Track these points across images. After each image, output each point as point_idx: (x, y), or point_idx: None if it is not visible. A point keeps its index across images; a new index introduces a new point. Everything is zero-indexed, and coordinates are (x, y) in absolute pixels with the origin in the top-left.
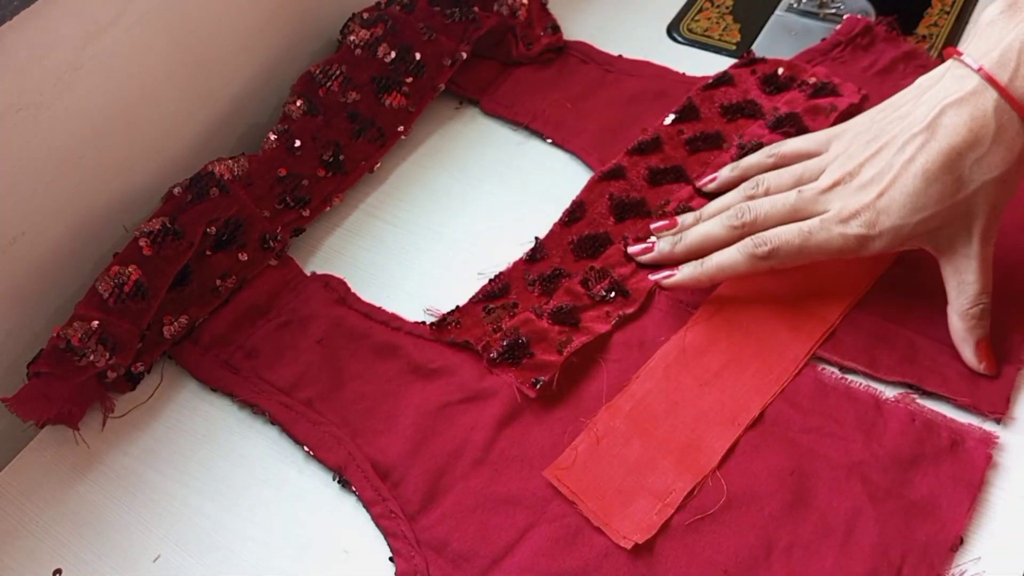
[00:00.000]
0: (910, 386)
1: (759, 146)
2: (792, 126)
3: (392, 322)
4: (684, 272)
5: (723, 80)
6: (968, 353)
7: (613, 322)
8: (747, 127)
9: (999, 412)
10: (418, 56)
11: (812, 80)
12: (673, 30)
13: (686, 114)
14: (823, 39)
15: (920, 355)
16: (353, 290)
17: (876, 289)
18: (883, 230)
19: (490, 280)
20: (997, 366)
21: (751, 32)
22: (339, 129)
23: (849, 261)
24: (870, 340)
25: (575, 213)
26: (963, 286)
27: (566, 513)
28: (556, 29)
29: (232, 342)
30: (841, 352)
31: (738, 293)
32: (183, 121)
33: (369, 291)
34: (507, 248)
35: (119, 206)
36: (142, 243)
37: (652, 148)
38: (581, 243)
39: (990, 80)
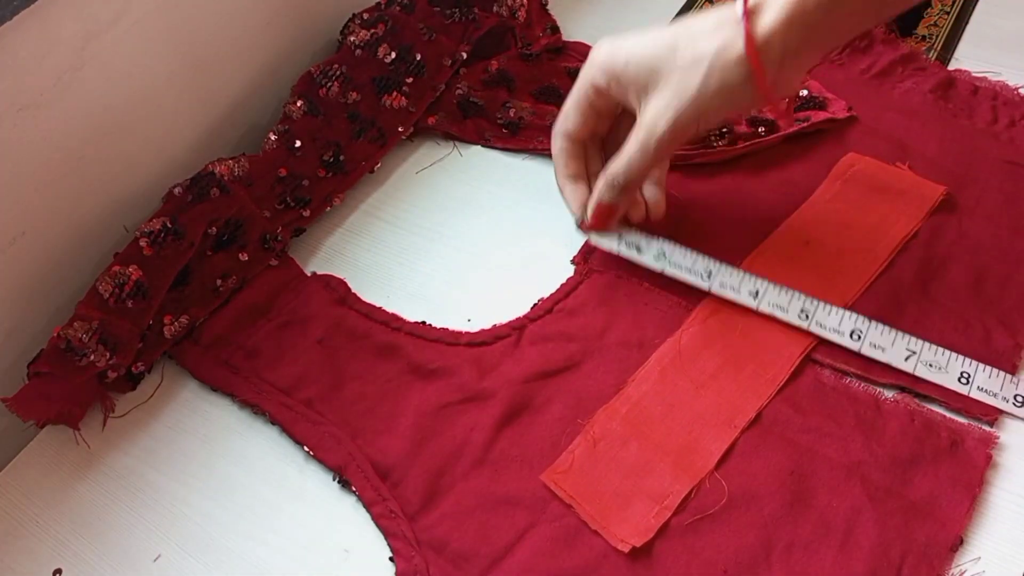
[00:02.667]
0: (903, 388)
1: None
2: (765, 126)
3: (392, 322)
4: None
5: None
6: (588, 209)
7: None
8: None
9: (991, 415)
10: (418, 56)
11: (803, 92)
12: None
13: None
14: None
15: None
16: (353, 290)
17: (868, 292)
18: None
19: None
20: (599, 229)
21: None
22: (339, 129)
23: (841, 264)
24: None
25: None
26: (623, 151)
27: (566, 513)
28: (555, 30)
29: (232, 342)
30: (835, 354)
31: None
32: (183, 121)
33: (369, 291)
34: (507, 248)
35: (119, 206)
36: (142, 243)
37: None
38: None
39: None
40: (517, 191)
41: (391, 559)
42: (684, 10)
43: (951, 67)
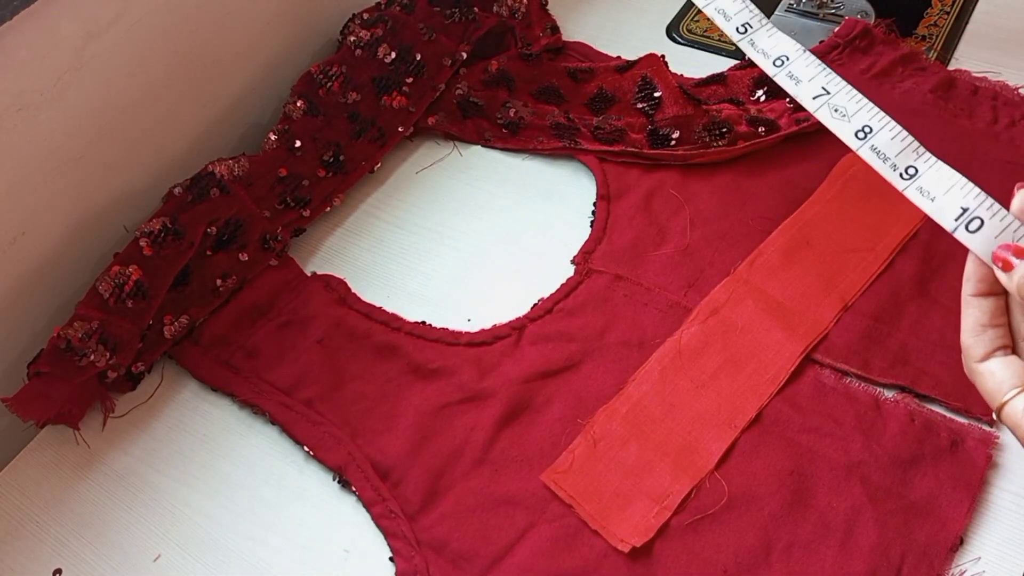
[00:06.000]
0: (903, 388)
1: None
2: (765, 126)
3: (392, 322)
4: None
5: (716, 79)
6: None
7: None
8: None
9: (991, 415)
10: (418, 56)
11: None
12: (673, 31)
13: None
14: (822, 40)
15: (912, 357)
16: (353, 290)
17: (868, 291)
18: None
19: None
20: None
21: None
22: (339, 129)
23: (841, 264)
24: (863, 342)
25: None
26: None
27: (566, 513)
28: (555, 30)
29: (232, 342)
30: (834, 354)
31: (732, 295)
32: (183, 121)
33: (369, 291)
34: (507, 248)
35: (119, 206)
36: (142, 243)
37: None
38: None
39: None
40: (517, 191)
41: (391, 559)
42: (683, 11)
43: (951, 67)
